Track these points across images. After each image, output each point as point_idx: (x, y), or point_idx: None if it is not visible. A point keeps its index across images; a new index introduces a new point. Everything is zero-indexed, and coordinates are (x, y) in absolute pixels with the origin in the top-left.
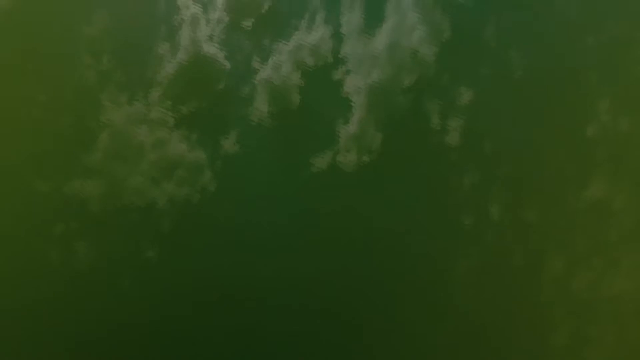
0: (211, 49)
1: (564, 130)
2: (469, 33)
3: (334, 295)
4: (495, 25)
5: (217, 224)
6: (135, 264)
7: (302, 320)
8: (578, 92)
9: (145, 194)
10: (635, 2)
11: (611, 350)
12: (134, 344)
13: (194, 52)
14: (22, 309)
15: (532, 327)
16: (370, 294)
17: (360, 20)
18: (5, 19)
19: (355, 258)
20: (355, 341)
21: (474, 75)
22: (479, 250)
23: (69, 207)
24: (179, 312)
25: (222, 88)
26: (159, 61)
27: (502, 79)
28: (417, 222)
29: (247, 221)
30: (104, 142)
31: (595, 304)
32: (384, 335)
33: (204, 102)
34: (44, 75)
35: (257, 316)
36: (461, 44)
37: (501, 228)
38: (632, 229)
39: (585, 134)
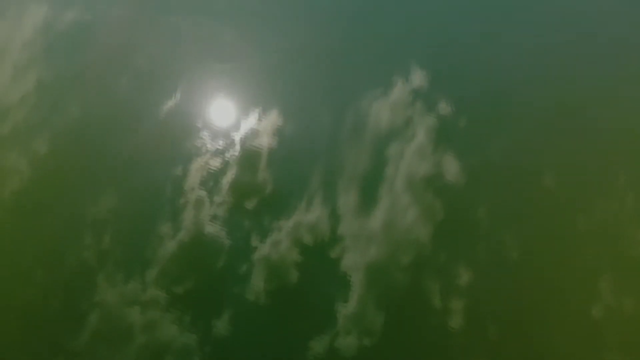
0: (212, 229)
1: (567, 312)
2: (462, 214)
3: None
4: (487, 206)
5: None
6: None
7: None
8: (577, 273)
9: None
10: (623, 179)
11: None
12: None
13: (195, 232)
14: None
15: None
16: None
17: (356, 201)
18: (13, 199)
19: None
20: None
21: (471, 256)
22: None
23: None
24: None
25: (219, 267)
26: (159, 241)
27: (499, 259)
28: None
29: None
30: (92, 324)
31: None
32: None
33: (200, 281)
34: (43, 255)
35: None
36: (455, 225)
37: None
38: None
39: (590, 315)
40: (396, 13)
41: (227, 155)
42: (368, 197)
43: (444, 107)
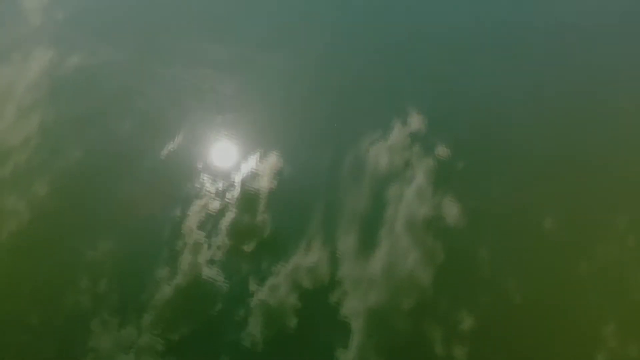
0: (210, 273)
1: (571, 358)
2: (462, 257)
3: None
4: (488, 250)
5: None
6: None
7: None
8: (580, 318)
9: None
10: (623, 221)
11: None
12: None
13: (193, 276)
14: None
15: None
16: None
17: (355, 244)
18: (10, 241)
19: None
20: None
21: (472, 300)
22: None
23: None
24: None
25: (216, 312)
26: (156, 285)
27: (502, 304)
28: None
29: None
30: None
31: None
32: None
33: (196, 327)
34: (39, 299)
35: None
36: (456, 268)
37: None
38: None
39: None
40: (394, 58)
41: (227, 197)
42: (368, 240)
43: (442, 150)
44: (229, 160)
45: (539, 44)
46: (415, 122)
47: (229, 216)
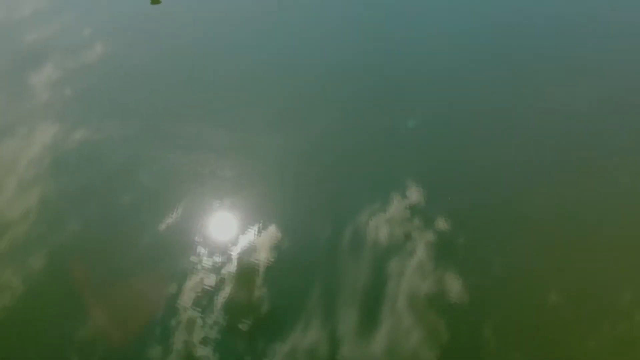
0: (203, 352)
1: None
2: (467, 334)
3: None
4: (492, 326)
5: None
6: None
7: None
8: None
9: None
10: (629, 295)
11: None
12: None
13: (185, 356)
14: None
15: None
16: None
17: (356, 323)
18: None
19: None
20: None
21: None
22: None
23: None
24: None
25: None
26: None
27: None
28: None
29: None
30: None
31: None
32: None
33: None
34: None
35: None
36: (461, 346)
37: None
38: None
39: None
40: (390, 129)
41: (223, 272)
42: (368, 318)
43: (443, 223)
44: (227, 233)
45: (537, 118)
46: (414, 194)
47: (225, 292)
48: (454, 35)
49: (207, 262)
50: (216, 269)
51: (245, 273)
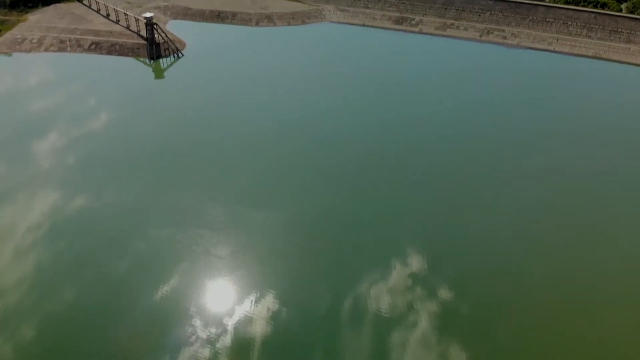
0: None
1: None
2: None
3: None
4: None
5: None
6: None
7: None
8: None
9: None
10: None
11: None
12: None
13: None
14: None
15: None
16: None
17: None
18: None
19: None
20: None
21: None
22: None
23: None
24: None
25: None
26: None
27: None
28: None
29: None
30: None
31: None
32: None
33: None
34: None
35: None
36: None
37: None
38: None
39: None
40: (390, 197)
41: (218, 344)
42: None
43: (445, 292)
44: (223, 303)
45: (535, 184)
46: (415, 262)
47: None
48: (454, 109)
49: (202, 333)
50: (211, 341)
51: (241, 347)
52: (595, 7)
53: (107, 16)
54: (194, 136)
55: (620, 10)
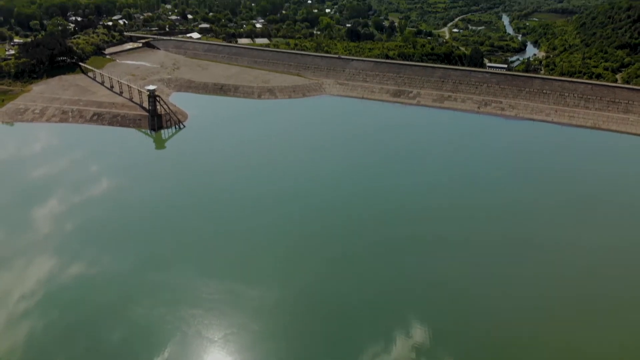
0: None
1: None
2: None
3: None
4: None
5: None
6: None
7: None
8: None
9: None
10: None
11: None
12: None
13: None
14: None
15: None
16: None
17: None
18: None
19: None
20: None
21: None
22: None
23: None
24: None
25: None
26: None
27: None
28: None
29: None
30: None
31: None
32: None
33: None
34: None
35: None
36: None
37: None
38: None
39: None
40: (393, 268)
41: None
42: None
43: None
44: None
45: (537, 250)
46: (418, 334)
47: None
48: (453, 180)
49: None
50: None
51: None
52: (590, 77)
53: (111, 88)
54: (192, 206)
55: (616, 81)
